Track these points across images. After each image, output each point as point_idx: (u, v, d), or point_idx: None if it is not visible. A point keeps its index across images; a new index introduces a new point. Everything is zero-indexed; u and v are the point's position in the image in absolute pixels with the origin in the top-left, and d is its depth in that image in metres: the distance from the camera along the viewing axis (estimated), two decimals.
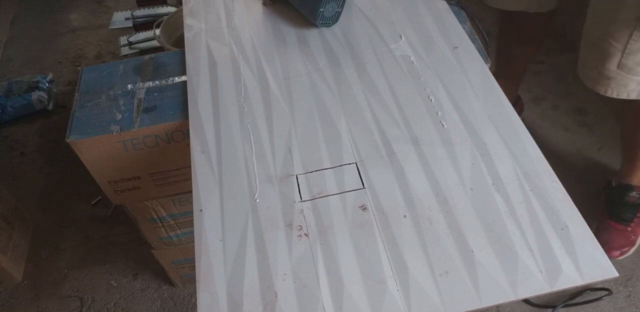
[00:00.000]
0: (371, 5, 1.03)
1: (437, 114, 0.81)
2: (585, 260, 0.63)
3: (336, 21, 0.99)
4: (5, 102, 1.94)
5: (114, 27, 2.39)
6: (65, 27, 2.44)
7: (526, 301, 1.30)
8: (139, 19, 2.31)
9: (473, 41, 0.93)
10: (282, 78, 0.89)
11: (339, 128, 0.80)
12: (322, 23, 0.98)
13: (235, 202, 0.71)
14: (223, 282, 0.63)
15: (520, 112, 1.67)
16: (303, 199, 0.71)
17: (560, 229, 0.66)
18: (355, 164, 0.75)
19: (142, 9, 2.36)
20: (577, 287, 0.79)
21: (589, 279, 0.61)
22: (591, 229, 0.66)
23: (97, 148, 0.93)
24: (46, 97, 1.97)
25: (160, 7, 2.35)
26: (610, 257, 1.31)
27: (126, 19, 2.39)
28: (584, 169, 1.58)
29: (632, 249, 1.37)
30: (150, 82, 1.01)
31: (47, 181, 1.74)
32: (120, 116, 0.94)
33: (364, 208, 0.69)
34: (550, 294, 0.71)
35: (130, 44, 2.24)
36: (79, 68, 2.19)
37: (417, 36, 0.95)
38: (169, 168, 1.02)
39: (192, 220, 0.70)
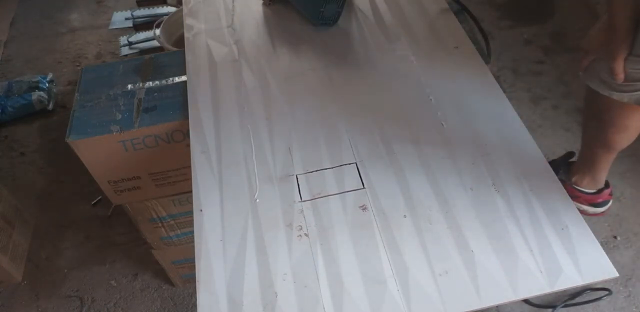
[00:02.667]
0: (371, 5, 1.03)
1: (437, 114, 0.80)
2: (585, 260, 0.63)
3: (336, 21, 0.99)
4: (5, 102, 1.94)
5: (114, 27, 2.39)
6: (65, 27, 2.44)
7: (526, 301, 1.30)
8: (139, 19, 2.31)
9: (473, 41, 0.93)
10: (282, 78, 0.89)
11: (339, 128, 0.80)
12: (322, 23, 0.98)
13: (235, 202, 0.71)
14: (223, 282, 0.63)
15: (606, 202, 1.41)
16: (303, 199, 0.71)
17: (560, 229, 0.66)
18: (355, 164, 0.75)
19: (142, 9, 2.36)
20: (577, 287, 0.79)
21: (589, 279, 0.61)
22: None
23: (97, 148, 0.93)
24: (46, 97, 1.97)
25: (160, 7, 2.35)
26: None
27: (126, 19, 2.39)
28: None
29: None
30: (150, 82, 1.01)
31: (47, 181, 1.74)
32: (120, 116, 0.94)
33: (364, 208, 0.69)
34: (550, 294, 0.71)
35: (130, 44, 2.24)
36: (79, 68, 2.19)
37: (417, 36, 0.95)
38: (169, 168, 1.02)
39: (192, 220, 0.70)
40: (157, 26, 1.88)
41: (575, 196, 1.38)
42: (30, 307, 1.42)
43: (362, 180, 0.73)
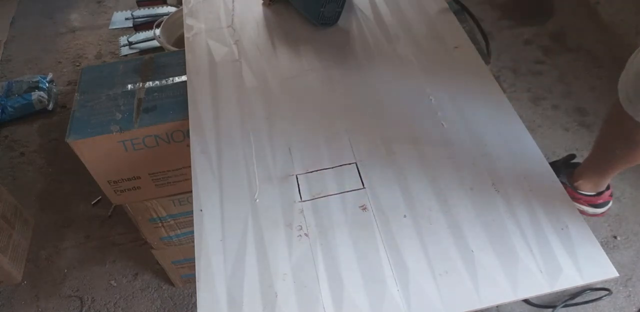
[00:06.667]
0: (371, 5, 1.03)
1: (437, 114, 0.80)
2: (585, 260, 0.63)
3: (336, 21, 0.99)
4: (5, 102, 1.94)
5: (114, 27, 2.39)
6: (65, 27, 2.44)
7: (526, 301, 1.30)
8: (139, 19, 2.31)
9: (473, 41, 0.93)
10: (282, 78, 0.89)
11: (339, 128, 0.80)
12: (322, 23, 0.98)
13: (235, 202, 0.71)
14: (223, 282, 0.63)
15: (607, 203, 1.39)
16: (303, 199, 0.71)
17: (560, 229, 0.66)
18: (355, 164, 0.75)
19: (142, 9, 2.36)
20: (577, 287, 0.79)
21: (589, 279, 0.61)
22: None
23: (97, 148, 0.93)
24: (46, 97, 1.97)
25: (160, 7, 2.35)
26: None
27: (126, 19, 2.39)
28: None
29: None
30: (150, 82, 1.01)
31: (47, 181, 1.74)
32: (120, 116, 0.94)
33: (364, 208, 0.69)
34: (550, 294, 0.71)
35: (130, 44, 2.24)
36: (79, 68, 2.19)
37: (417, 36, 0.95)
38: (169, 168, 1.02)
39: (192, 220, 0.70)
40: (157, 26, 1.89)
41: (576, 197, 1.38)
42: (30, 307, 1.42)
43: (362, 180, 0.72)
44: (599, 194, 1.38)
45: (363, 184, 0.72)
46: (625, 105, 1.04)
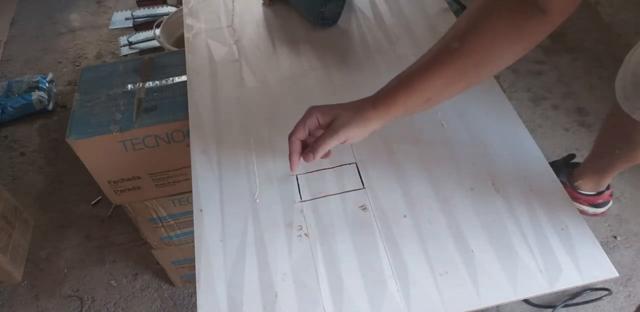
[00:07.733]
0: (371, 5, 1.03)
1: (437, 114, 0.80)
2: (585, 260, 0.63)
3: (336, 21, 0.99)
4: (5, 102, 1.94)
5: (114, 27, 2.39)
6: (65, 27, 2.44)
7: (526, 301, 1.30)
8: (139, 19, 2.31)
9: None
10: (282, 78, 0.89)
11: None
12: (322, 23, 0.98)
13: (235, 202, 0.71)
14: (223, 282, 0.63)
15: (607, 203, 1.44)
16: (303, 199, 0.71)
17: (560, 229, 0.66)
18: (355, 164, 0.75)
19: (142, 9, 2.36)
20: (577, 287, 0.79)
21: (589, 279, 0.61)
22: None
23: (97, 148, 0.93)
24: (46, 97, 1.97)
25: (160, 7, 2.35)
26: None
27: (126, 19, 2.39)
28: None
29: None
30: (150, 82, 1.01)
31: (47, 181, 1.74)
32: (120, 116, 0.94)
33: (364, 208, 0.69)
34: (550, 294, 0.71)
35: (130, 44, 2.24)
36: (79, 68, 2.19)
37: (417, 36, 0.95)
38: (169, 168, 1.02)
39: (192, 220, 0.70)
40: (157, 26, 1.89)
41: (576, 197, 1.38)
42: (30, 307, 1.42)
43: (362, 180, 0.73)
44: (599, 193, 1.38)
45: (363, 184, 0.72)
46: (621, 102, 1.04)
